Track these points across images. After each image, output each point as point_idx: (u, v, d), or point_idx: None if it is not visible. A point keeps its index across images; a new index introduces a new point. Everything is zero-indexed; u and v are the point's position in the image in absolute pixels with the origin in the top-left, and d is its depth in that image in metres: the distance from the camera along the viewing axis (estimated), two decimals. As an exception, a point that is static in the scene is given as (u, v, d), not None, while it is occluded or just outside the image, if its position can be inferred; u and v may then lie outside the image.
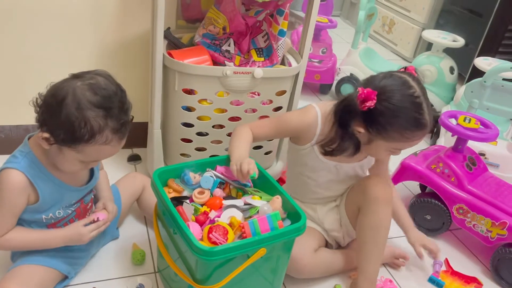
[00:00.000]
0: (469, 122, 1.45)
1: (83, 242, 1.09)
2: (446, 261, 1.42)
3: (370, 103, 1.02)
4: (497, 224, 1.35)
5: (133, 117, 1.01)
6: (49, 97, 0.94)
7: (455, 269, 1.39)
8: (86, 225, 1.09)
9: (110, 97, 0.94)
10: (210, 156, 1.44)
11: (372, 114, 1.04)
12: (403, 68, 1.14)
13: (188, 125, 1.39)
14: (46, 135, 0.94)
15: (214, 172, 1.15)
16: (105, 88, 0.94)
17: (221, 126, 1.42)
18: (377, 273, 1.21)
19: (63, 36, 1.46)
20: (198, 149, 1.45)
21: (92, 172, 1.14)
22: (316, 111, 1.17)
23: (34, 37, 1.43)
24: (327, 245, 1.31)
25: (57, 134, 0.93)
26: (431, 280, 1.33)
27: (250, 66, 1.42)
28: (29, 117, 1.00)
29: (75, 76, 0.96)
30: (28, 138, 1.03)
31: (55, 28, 1.44)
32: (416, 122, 1.04)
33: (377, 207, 1.16)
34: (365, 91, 1.03)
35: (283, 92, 1.43)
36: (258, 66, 1.40)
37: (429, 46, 2.72)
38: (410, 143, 1.08)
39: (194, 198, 1.09)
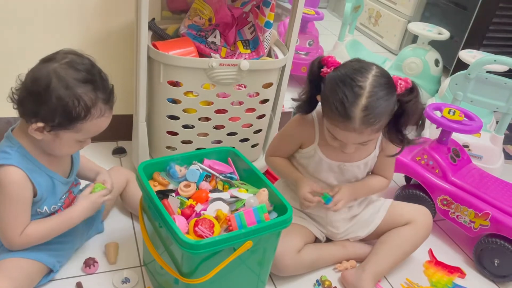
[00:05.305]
0: (454, 114, 1.46)
1: (99, 207, 1.13)
2: (430, 251, 1.44)
3: (326, 69, 1.05)
4: (480, 215, 1.37)
5: (113, 85, 1.01)
6: (31, 86, 0.93)
7: (439, 259, 1.41)
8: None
9: (90, 70, 0.95)
10: (196, 149, 1.43)
11: (324, 84, 1.06)
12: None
13: (173, 117, 1.37)
14: (40, 124, 0.93)
15: (200, 165, 1.14)
16: (82, 63, 0.95)
17: (207, 119, 1.41)
18: (384, 274, 1.28)
19: (44, 27, 1.43)
20: (184, 142, 1.43)
21: (72, 160, 1.13)
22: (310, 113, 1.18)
23: (14, 28, 1.40)
24: (316, 240, 1.31)
25: (52, 120, 0.93)
26: (327, 199, 1.17)
27: (236, 58, 1.41)
28: (9, 109, 0.98)
29: (46, 60, 0.95)
30: (11, 131, 1.01)
31: (36, 19, 1.41)
32: (341, 106, 0.98)
33: (421, 228, 1.28)
34: (329, 58, 1.05)
35: (270, 85, 1.43)
36: (245, 58, 1.39)
37: (414, 38, 2.73)
38: (339, 131, 1.03)
39: (180, 191, 1.09)
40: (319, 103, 1.12)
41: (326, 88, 1.04)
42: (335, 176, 1.22)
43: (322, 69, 1.06)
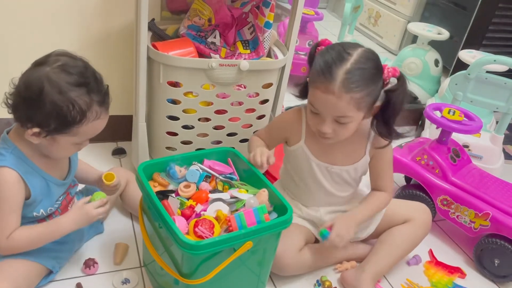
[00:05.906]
0: (453, 114, 1.46)
1: (92, 221, 1.07)
2: (430, 251, 1.44)
3: (321, 47, 1.09)
4: (480, 215, 1.37)
5: (107, 85, 1.00)
6: (24, 91, 0.91)
7: (439, 259, 1.41)
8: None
9: (83, 73, 0.94)
10: (196, 150, 1.43)
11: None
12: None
13: (173, 118, 1.37)
14: (36, 130, 0.92)
15: (200, 165, 1.14)
16: (75, 66, 0.94)
17: (207, 119, 1.41)
18: (384, 273, 1.28)
19: (44, 27, 1.43)
20: (184, 143, 1.43)
21: (70, 162, 1.13)
22: (301, 108, 1.18)
23: (13, 28, 1.40)
24: (316, 241, 1.30)
25: (47, 125, 0.92)
26: (323, 235, 1.16)
27: (236, 59, 1.40)
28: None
29: (38, 64, 0.94)
30: (7, 133, 1.01)
31: (36, 19, 1.41)
32: (325, 66, 1.01)
33: (421, 225, 1.28)
34: (326, 41, 1.10)
35: (270, 85, 1.43)
36: (244, 59, 1.39)
37: (414, 38, 2.73)
38: (319, 94, 1.03)
39: (180, 192, 1.09)
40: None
41: (317, 56, 1.07)
42: (326, 179, 1.21)
43: (318, 48, 1.11)
